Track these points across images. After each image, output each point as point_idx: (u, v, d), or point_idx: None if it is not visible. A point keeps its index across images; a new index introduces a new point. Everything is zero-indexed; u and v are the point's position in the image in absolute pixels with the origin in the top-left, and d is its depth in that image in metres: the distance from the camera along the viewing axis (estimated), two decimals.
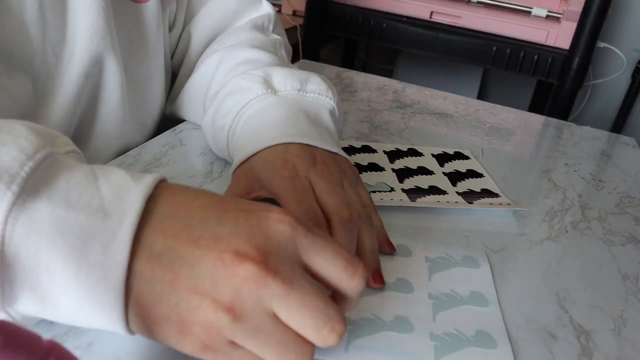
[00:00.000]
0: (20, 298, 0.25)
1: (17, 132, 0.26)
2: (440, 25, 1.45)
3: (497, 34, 1.41)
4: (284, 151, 0.41)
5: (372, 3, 1.49)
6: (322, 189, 0.39)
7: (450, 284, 0.39)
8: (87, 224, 0.25)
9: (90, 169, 0.27)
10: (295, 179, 0.39)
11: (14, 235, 0.24)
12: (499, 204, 0.50)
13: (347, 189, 0.41)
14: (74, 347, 0.29)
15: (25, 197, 0.24)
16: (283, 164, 0.40)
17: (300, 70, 0.49)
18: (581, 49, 1.31)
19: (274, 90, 0.46)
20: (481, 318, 0.36)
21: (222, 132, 0.47)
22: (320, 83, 0.48)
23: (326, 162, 0.41)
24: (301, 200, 0.38)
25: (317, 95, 0.47)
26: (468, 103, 0.82)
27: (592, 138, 0.75)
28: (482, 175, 0.57)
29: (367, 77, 0.88)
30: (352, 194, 0.41)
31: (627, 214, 0.54)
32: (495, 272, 0.41)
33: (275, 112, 0.44)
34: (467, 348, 0.34)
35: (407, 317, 0.35)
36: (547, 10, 1.36)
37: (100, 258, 0.25)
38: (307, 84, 0.47)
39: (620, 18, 1.72)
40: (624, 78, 1.76)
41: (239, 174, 0.42)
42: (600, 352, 0.35)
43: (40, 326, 0.30)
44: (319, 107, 0.47)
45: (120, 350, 0.30)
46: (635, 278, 0.43)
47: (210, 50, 0.58)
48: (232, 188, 0.42)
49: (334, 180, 0.40)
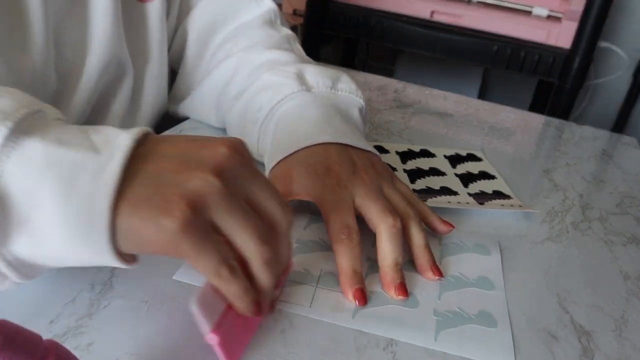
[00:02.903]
0: (13, 236, 0.26)
1: (12, 91, 0.28)
2: (440, 24, 1.44)
3: (497, 34, 1.40)
4: (324, 155, 0.42)
5: (372, 2, 1.49)
6: (362, 196, 0.39)
7: (460, 267, 0.41)
8: (77, 158, 0.26)
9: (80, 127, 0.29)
10: (336, 190, 0.40)
11: (5, 170, 0.25)
12: (510, 206, 0.50)
13: (386, 191, 0.41)
14: (74, 347, 0.29)
15: (18, 134, 0.25)
16: (326, 172, 0.41)
17: (329, 69, 0.50)
18: (582, 49, 1.31)
19: (308, 86, 0.47)
20: (485, 300, 0.38)
21: (254, 126, 0.47)
22: (350, 82, 0.49)
23: (365, 167, 0.42)
24: (340, 211, 0.38)
25: (348, 94, 0.48)
26: (468, 103, 0.82)
27: (593, 138, 0.75)
28: (494, 177, 0.57)
29: (367, 77, 0.88)
30: (393, 194, 0.41)
31: (628, 214, 0.54)
32: None
33: (311, 109, 0.45)
34: (468, 325, 0.35)
35: (414, 294, 0.37)
36: (548, 9, 1.36)
37: (88, 188, 0.25)
38: (338, 83, 0.48)
39: (622, 17, 1.72)
40: (625, 78, 1.76)
41: (277, 174, 0.42)
42: (601, 352, 0.35)
43: (40, 326, 0.30)
44: (350, 106, 0.48)
45: (120, 351, 0.29)
46: (636, 278, 0.43)
47: (224, 52, 0.58)
48: (278, 186, 0.41)
49: (375, 186, 0.41)
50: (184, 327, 0.32)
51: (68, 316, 0.31)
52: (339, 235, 0.37)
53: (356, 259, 0.37)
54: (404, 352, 0.32)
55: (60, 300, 0.32)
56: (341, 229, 0.37)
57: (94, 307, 0.32)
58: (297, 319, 0.34)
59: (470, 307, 0.37)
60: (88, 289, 0.33)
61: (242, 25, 0.59)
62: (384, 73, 0.99)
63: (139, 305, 0.33)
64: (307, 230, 0.42)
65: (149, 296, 0.34)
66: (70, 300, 0.32)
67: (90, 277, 0.34)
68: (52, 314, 0.31)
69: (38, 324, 0.30)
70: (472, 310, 0.37)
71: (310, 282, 0.37)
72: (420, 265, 0.39)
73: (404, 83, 0.87)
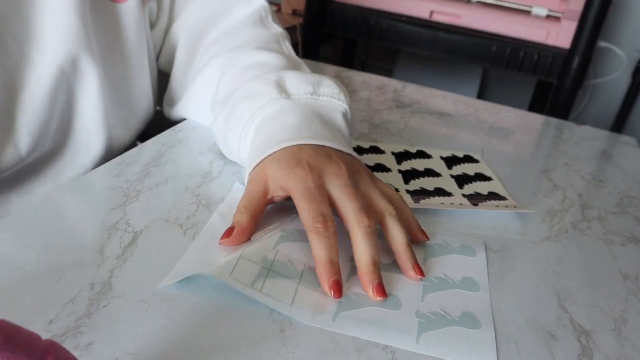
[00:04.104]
0: None
1: None
2: (440, 24, 1.44)
3: (497, 34, 1.40)
4: (297, 151, 0.42)
5: (371, 2, 1.48)
6: (337, 189, 0.40)
7: (444, 269, 0.40)
8: None
9: None
10: (308, 177, 0.40)
11: None
12: (505, 207, 0.50)
13: (364, 188, 0.41)
14: (73, 347, 0.29)
15: None
16: (297, 163, 0.41)
17: (313, 74, 0.50)
18: (581, 49, 1.31)
19: (288, 94, 0.47)
20: (469, 301, 0.38)
21: (234, 133, 0.47)
22: (333, 86, 0.48)
23: (342, 160, 0.42)
24: (312, 200, 0.38)
25: (329, 99, 0.48)
26: (468, 102, 0.82)
27: (592, 138, 0.75)
28: (491, 179, 0.56)
29: (366, 77, 0.88)
30: (371, 191, 0.41)
31: (627, 214, 0.54)
32: (495, 272, 0.41)
33: (289, 115, 0.45)
34: (451, 327, 0.35)
35: (397, 296, 0.37)
36: (547, 9, 1.36)
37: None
38: (319, 88, 0.48)
39: (621, 17, 1.72)
40: (625, 77, 1.76)
41: (254, 176, 0.42)
42: (601, 352, 0.35)
43: (39, 326, 0.30)
44: (332, 110, 0.48)
45: (119, 351, 0.29)
46: (635, 278, 0.43)
47: (213, 52, 0.58)
48: (249, 190, 0.42)
49: (349, 180, 0.40)
50: (184, 327, 0.32)
51: (67, 316, 0.31)
52: (314, 224, 0.37)
53: (332, 248, 0.37)
54: (403, 352, 0.32)
55: (60, 300, 0.32)
56: (315, 218, 0.37)
57: (93, 307, 0.32)
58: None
59: (453, 309, 0.36)
60: (87, 289, 0.33)
61: (233, 24, 0.59)
62: (383, 73, 0.99)
63: (138, 305, 0.33)
64: (294, 221, 0.42)
65: (149, 296, 0.34)
66: (70, 300, 0.32)
67: (90, 277, 0.34)
68: (52, 313, 0.31)
69: (37, 323, 0.30)
70: (456, 312, 0.36)
71: (294, 278, 0.36)
72: (402, 265, 0.39)
73: (403, 83, 0.87)
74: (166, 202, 0.44)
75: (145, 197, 0.44)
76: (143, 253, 0.37)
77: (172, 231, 0.40)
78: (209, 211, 0.43)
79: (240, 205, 0.41)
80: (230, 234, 0.39)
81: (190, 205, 0.44)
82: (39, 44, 0.47)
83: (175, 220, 0.41)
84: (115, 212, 0.41)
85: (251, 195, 0.41)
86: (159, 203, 0.43)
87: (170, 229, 0.40)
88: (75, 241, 0.38)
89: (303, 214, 0.38)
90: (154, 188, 0.45)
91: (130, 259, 0.37)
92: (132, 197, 0.44)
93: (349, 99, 0.49)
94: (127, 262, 0.36)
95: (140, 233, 0.39)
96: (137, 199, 0.44)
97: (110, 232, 0.39)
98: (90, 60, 0.49)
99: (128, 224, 0.40)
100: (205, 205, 0.44)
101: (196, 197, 0.45)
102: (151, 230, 0.40)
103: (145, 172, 0.48)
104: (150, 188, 0.45)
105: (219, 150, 0.53)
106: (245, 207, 0.40)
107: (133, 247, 0.38)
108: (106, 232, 0.39)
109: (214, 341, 0.31)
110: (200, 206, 0.44)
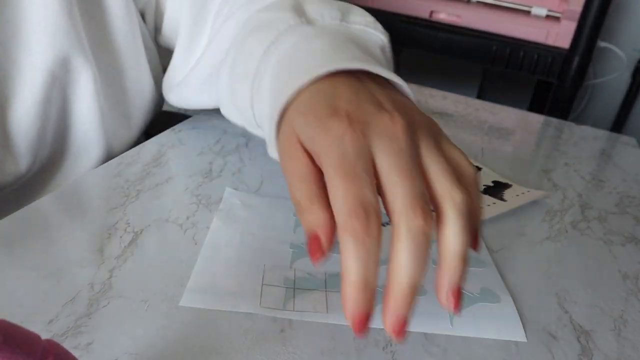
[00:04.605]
0: None
1: None
2: (439, 24, 1.45)
3: (496, 34, 1.40)
4: (331, 93, 0.29)
5: (371, 2, 1.48)
6: (387, 158, 0.26)
7: None
8: None
9: None
10: (346, 136, 0.26)
11: None
12: (525, 193, 0.52)
13: (426, 159, 0.28)
14: (73, 347, 0.29)
15: None
16: (331, 112, 0.27)
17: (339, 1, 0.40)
18: (581, 49, 1.31)
19: (309, 19, 0.37)
20: (481, 277, 0.39)
21: (244, 81, 0.37)
22: (366, 14, 0.38)
23: (396, 108, 0.28)
24: (351, 176, 0.25)
25: (364, 27, 0.37)
26: (467, 102, 0.82)
27: (592, 138, 0.75)
28: (479, 169, 0.57)
29: None
30: (434, 164, 0.28)
31: (627, 214, 0.54)
32: None
33: (315, 42, 0.33)
34: (476, 304, 0.36)
35: None
36: (547, 9, 1.36)
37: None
38: (349, 15, 0.38)
39: (621, 17, 1.72)
40: (624, 78, 1.76)
41: (285, 144, 0.29)
42: (601, 352, 0.35)
43: (39, 326, 0.30)
44: (368, 42, 0.36)
45: (119, 351, 0.29)
46: (635, 278, 0.43)
47: (224, 16, 0.50)
48: (293, 169, 0.28)
49: (407, 143, 0.27)
50: (184, 327, 0.32)
51: (67, 316, 0.31)
52: (350, 220, 0.24)
53: (370, 261, 0.24)
54: (403, 352, 0.32)
55: (59, 300, 0.32)
56: (354, 210, 0.24)
57: (93, 307, 0.32)
58: None
59: (472, 287, 0.37)
60: (87, 289, 0.33)
61: None
62: None
63: (138, 305, 0.33)
64: (298, 232, 0.41)
65: (149, 296, 0.34)
66: (70, 300, 0.32)
67: (90, 277, 0.34)
68: (51, 313, 0.31)
69: (37, 323, 0.30)
70: (475, 289, 0.37)
71: (320, 287, 0.36)
72: (440, 280, 0.27)
73: None
74: (166, 202, 0.44)
75: (145, 197, 0.44)
76: (143, 253, 0.37)
77: (172, 231, 0.40)
78: (209, 211, 0.43)
79: (301, 199, 0.27)
80: (319, 245, 0.26)
81: (190, 205, 0.44)
82: (27, 46, 0.44)
83: (175, 220, 0.41)
84: (115, 212, 0.41)
85: (302, 175, 0.28)
86: (159, 203, 0.43)
87: (170, 229, 0.40)
88: (75, 241, 0.38)
89: (336, 199, 0.25)
90: (154, 188, 0.45)
91: (130, 259, 0.37)
92: (132, 197, 0.44)
93: (388, 36, 0.39)
94: (127, 262, 0.36)
95: (140, 233, 0.39)
96: (137, 199, 0.44)
97: (110, 232, 0.39)
98: (81, 59, 0.47)
99: (128, 224, 0.40)
100: (205, 205, 0.44)
101: (196, 197, 0.45)
102: (151, 230, 0.40)
103: (145, 172, 0.48)
104: (150, 188, 0.45)
105: (219, 150, 0.53)
106: (308, 197, 0.27)
107: (133, 247, 0.38)
108: (106, 232, 0.39)
109: (214, 341, 0.31)
110: (200, 206, 0.44)
